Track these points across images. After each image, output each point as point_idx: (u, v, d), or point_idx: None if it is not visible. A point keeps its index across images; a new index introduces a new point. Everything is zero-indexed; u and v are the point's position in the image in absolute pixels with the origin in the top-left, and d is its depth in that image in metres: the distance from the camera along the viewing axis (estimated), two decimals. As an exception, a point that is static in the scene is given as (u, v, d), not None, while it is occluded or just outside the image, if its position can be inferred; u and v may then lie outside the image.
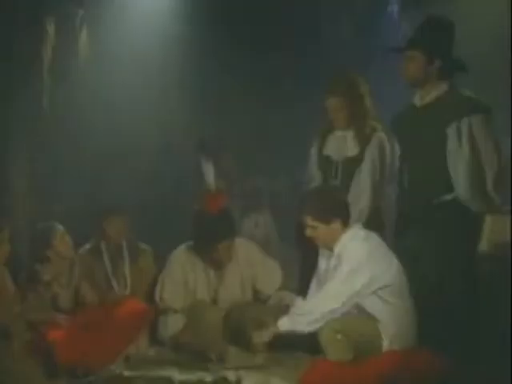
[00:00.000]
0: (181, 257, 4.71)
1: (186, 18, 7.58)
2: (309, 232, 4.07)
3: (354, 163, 4.53)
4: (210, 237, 4.53)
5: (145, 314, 4.60)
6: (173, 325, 4.60)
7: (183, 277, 4.66)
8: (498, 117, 4.23)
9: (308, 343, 4.13)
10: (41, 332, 4.32)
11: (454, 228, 4.07)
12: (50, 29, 6.88)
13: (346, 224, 4.05)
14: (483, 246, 4.44)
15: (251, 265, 4.71)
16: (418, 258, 4.10)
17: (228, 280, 4.69)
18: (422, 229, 4.13)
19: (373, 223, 4.42)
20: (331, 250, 4.06)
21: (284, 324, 4.01)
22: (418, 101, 4.23)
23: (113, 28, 7.28)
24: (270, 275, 4.74)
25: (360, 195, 4.52)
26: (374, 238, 4.07)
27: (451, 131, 4.03)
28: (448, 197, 4.08)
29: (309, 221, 4.05)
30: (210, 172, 4.73)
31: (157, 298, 4.70)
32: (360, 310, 3.97)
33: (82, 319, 4.45)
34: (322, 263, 4.19)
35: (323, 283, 4.06)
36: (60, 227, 4.68)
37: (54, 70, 6.90)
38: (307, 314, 3.96)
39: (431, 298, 4.03)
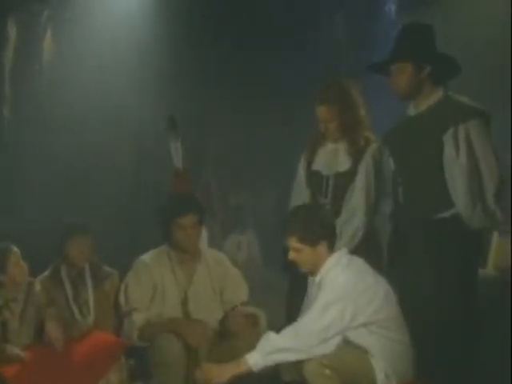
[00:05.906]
0: (146, 261, 4.46)
1: (157, 21, 7.32)
2: (292, 255, 3.80)
3: (346, 178, 4.27)
4: (171, 210, 4.34)
5: (114, 348, 4.26)
6: (138, 320, 4.30)
7: (150, 280, 4.41)
8: (497, 121, 4.01)
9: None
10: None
11: (453, 247, 3.82)
12: (12, 30, 6.80)
13: (331, 248, 3.80)
14: (489, 268, 4.21)
15: (220, 275, 4.52)
16: (415, 281, 3.85)
17: (197, 280, 4.47)
18: (419, 248, 3.88)
19: (368, 244, 4.21)
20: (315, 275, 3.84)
21: (257, 363, 3.65)
22: (412, 111, 4.03)
23: (79, 28, 7.11)
24: (237, 287, 4.54)
25: (353, 214, 4.25)
26: (358, 264, 3.79)
27: (448, 138, 3.82)
28: (446, 214, 3.86)
29: (293, 242, 3.77)
30: (178, 151, 4.48)
31: (121, 299, 4.41)
32: (349, 343, 3.71)
33: (43, 355, 4.12)
34: (312, 290, 3.91)
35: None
36: (15, 250, 4.29)
37: (15, 73, 6.74)
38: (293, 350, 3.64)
39: (429, 325, 3.77)
